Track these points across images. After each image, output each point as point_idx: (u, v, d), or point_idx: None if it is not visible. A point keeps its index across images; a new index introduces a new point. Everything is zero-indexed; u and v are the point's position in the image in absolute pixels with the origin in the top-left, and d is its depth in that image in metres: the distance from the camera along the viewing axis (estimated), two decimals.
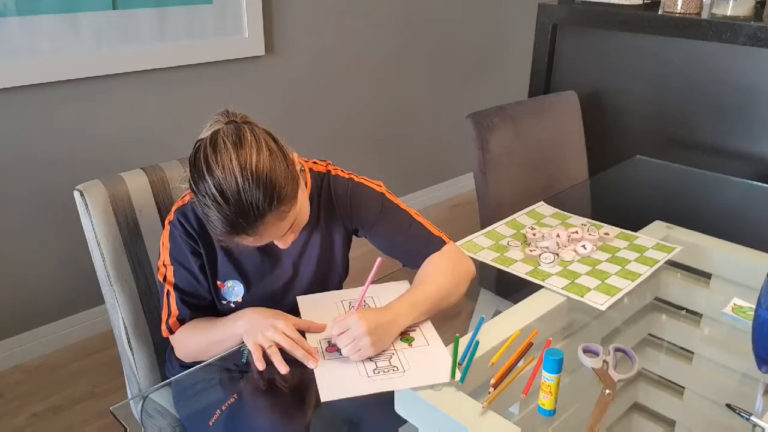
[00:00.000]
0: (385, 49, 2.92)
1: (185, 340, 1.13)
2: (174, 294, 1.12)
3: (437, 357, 0.97)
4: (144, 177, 1.26)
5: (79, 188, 1.19)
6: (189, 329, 1.13)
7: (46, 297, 2.15)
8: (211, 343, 1.09)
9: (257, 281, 1.15)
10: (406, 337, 1.02)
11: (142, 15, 2.09)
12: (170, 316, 1.12)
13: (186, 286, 1.12)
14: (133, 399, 1.07)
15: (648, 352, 1.18)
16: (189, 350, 1.13)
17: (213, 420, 1.02)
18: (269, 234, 1.00)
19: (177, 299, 1.12)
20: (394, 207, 1.19)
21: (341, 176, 1.19)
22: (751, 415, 0.89)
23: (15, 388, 2.02)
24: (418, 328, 1.05)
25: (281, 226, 1.00)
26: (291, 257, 1.17)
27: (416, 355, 0.98)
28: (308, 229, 1.16)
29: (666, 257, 1.26)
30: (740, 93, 1.97)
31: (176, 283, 1.11)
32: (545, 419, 0.89)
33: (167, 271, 1.12)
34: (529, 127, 1.89)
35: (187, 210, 1.11)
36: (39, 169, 2.03)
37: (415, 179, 3.32)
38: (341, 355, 0.98)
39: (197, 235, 1.10)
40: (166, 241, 1.12)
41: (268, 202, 0.95)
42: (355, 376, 0.94)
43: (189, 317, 1.13)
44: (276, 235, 1.02)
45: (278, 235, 1.02)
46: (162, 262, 1.13)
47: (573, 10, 2.26)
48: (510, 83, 3.50)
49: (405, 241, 1.18)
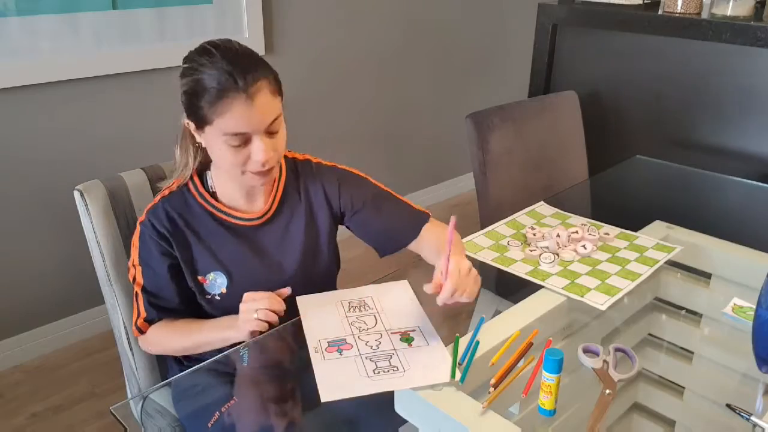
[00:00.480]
0: (385, 49, 2.92)
1: (158, 339, 1.14)
2: (142, 296, 1.12)
3: (437, 357, 0.97)
4: (144, 177, 1.26)
5: (79, 188, 1.19)
6: (164, 330, 1.14)
7: (46, 297, 2.15)
8: (200, 345, 1.11)
9: (239, 270, 1.14)
10: (406, 337, 1.02)
11: (142, 15, 2.09)
12: (139, 317, 1.13)
13: (153, 288, 1.12)
14: (133, 399, 1.07)
15: (648, 352, 1.18)
16: (163, 348, 1.16)
17: (212, 422, 1.02)
18: (260, 102, 1.00)
19: (144, 301, 1.12)
20: (380, 188, 1.24)
21: (324, 164, 1.23)
22: (751, 415, 0.89)
23: (15, 388, 2.02)
24: (417, 328, 1.05)
25: (272, 104, 1.02)
26: (273, 244, 1.16)
27: (416, 354, 0.98)
28: (288, 214, 1.17)
29: (666, 257, 1.26)
30: (740, 93, 1.97)
31: (144, 285, 1.12)
32: (545, 419, 0.89)
33: (136, 272, 1.12)
34: (529, 127, 1.89)
35: (158, 208, 1.12)
36: (39, 169, 2.03)
37: (415, 179, 3.32)
38: (341, 355, 0.98)
39: (169, 234, 1.10)
40: (135, 242, 1.12)
41: (262, 64, 1.02)
42: (355, 377, 0.94)
43: (157, 318, 1.13)
44: (265, 113, 1.01)
45: (266, 116, 1.01)
46: (132, 263, 1.13)
47: (573, 10, 2.26)
48: (510, 83, 3.50)
49: (398, 216, 1.22)
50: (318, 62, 2.65)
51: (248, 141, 1.03)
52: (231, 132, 1.01)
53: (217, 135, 1.02)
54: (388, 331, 1.04)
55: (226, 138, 1.02)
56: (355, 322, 1.07)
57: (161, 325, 1.13)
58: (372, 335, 1.03)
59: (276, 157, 1.06)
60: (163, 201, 1.13)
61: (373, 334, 1.04)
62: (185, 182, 1.15)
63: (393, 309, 1.10)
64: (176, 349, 1.15)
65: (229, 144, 1.02)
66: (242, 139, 1.02)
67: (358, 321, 1.07)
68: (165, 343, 1.15)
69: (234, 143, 1.02)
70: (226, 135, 1.01)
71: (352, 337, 1.03)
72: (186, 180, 1.15)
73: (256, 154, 1.03)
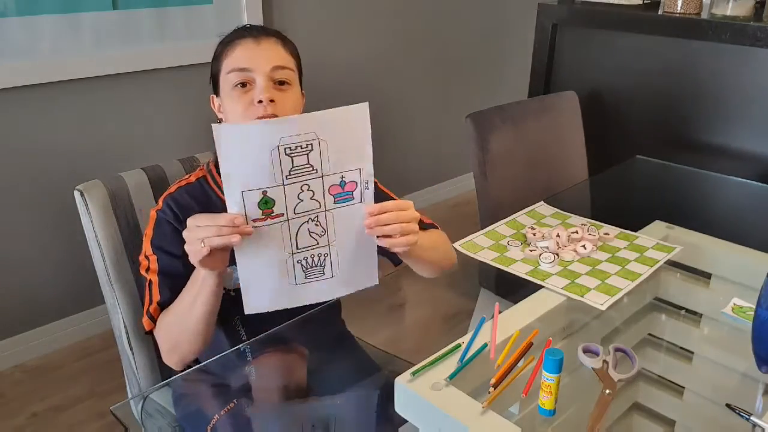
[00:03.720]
0: (386, 48, 2.92)
1: (165, 325, 1.03)
2: (157, 280, 1.04)
3: (365, 258, 0.96)
4: (144, 177, 1.26)
5: (79, 188, 1.19)
6: (165, 313, 1.04)
7: (46, 297, 2.15)
8: (191, 305, 0.98)
9: None
10: (339, 192, 0.93)
11: (142, 15, 2.09)
12: (151, 304, 1.04)
13: (170, 269, 1.04)
14: (133, 399, 1.07)
15: (648, 352, 1.18)
16: (171, 333, 1.02)
17: (211, 424, 1.02)
18: (267, 45, 1.03)
19: (159, 283, 1.04)
20: (391, 197, 1.20)
21: None
22: (751, 415, 0.89)
23: (15, 388, 2.02)
24: (359, 170, 0.94)
25: (280, 53, 1.05)
26: None
27: (346, 248, 0.95)
28: None
29: (666, 257, 1.26)
30: (740, 93, 1.97)
31: (161, 268, 1.05)
32: (545, 419, 0.89)
33: (150, 261, 1.06)
34: (529, 127, 1.89)
35: (178, 195, 1.09)
36: (39, 169, 2.03)
37: (415, 179, 3.32)
38: (270, 224, 0.90)
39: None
40: (149, 231, 1.07)
41: (278, 32, 1.08)
42: (283, 283, 0.93)
43: (170, 302, 1.03)
44: (270, 55, 1.03)
45: (272, 58, 1.03)
46: (144, 255, 1.07)
47: (573, 10, 2.26)
48: (510, 83, 3.50)
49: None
50: (318, 62, 2.65)
51: (252, 84, 1.03)
52: (235, 67, 1.02)
53: (226, 82, 1.03)
54: (324, 177, 0.91)
55: (231, 76, 1.02)
56: (293, 169, 0.90)
57: (165, 311, 1.04)
58: (305, 193, 0.92)
59: (281, 114, 1.02)
60: (183, 189, 1.10)
61: (306, 192, 0.92)
62: (204, 176, 1.13)
63: (337, 142, 0.91)
64: (180, 326, 1.01)
65: (234, 84, 1.02)
66: (245, 77, 1.02)
67: (295, 169, 0.90)
68: (171, 326, 1.02)
69: (237, 80, 1.02)
70: (231, 72, 1.02)
71: (281, 188, 0.90)
72: (205, 174, 1.13)
73: (257, 94, 1.02)
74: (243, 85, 1.03)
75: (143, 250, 1.08)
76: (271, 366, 1.12)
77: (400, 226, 0.94)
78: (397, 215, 0.94)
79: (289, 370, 1.14)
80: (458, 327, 1.10)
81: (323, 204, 0.93)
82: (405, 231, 0.94)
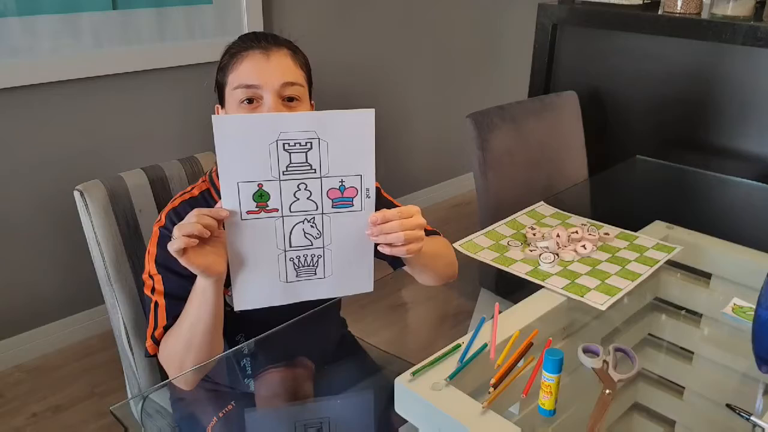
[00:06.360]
0: (385, 48, 2.92)
1: (169, 346, 0.99)
2: (163, 302, 1.01)
3: (361, 265, 0.95)
4: (144, 177, 1.26)
5: (79, 188, 1.19)
6: (167, 336, 1.00)
7: (46, 297, 2.15)
8: (188, 328, 0.95)
9: None
10: (338, 197, 0.93)
11: (142, 15, 2.09)
12: (156, 328, 1.00)
13: (177, 291, 1.00)
14: (133, 399, 1.07)
15: (648, 352, 1.18)
16: (177, 357, 0.98)
17: (210, 426, 1.02)
18: (276, 60, 1.00)
19: (166, 306, 1.01)
20: (393, 203, 1.19)
21: None
22: (751, 415, 0.89)
23: (15, 388, 2.02)
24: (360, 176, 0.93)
25: (290, 68, 1.02)
26: None
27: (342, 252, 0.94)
28: None
29: (666, 257, 1.26)
30: (740, 93, 1.97)
31: (167, 291, 1.01)
32: (545, 419, 0.89)
33: (154, 281, 1.02)
34: (529, 127, 1.89)
35: (181, 210, 1.05)
36: (39, 169, 2.03)
37: (415, 179, 3.32)
38: (262, 216, 0.90)
39: None
40: (152, 248, 1.03)
41: (290, 43, 1.05)
42: (274, 280, 0.92)
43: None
44: (280, 72, 0.99)
45: (281, 74, 0.99)
46: (147, 274, 1.03)
47: (573, 10, 2.26)
48: (510, 83, 3.50)
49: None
50: (318, 62, 2.64)
51: (260, 100, 1.00)
52: (242, 84, 0.99)
53: (232, 97, 1.00)
54: (323, 178, 0.91)
55: (238, 92, 0.99)
56: (290, 166, 0.90)
57: (167, 333, 1.01)
58: (302, 191, 0.92)
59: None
60: (186, 203, 1.06)
61: (303, 191, 0.91)
62: (208, 188, 1.09)
63: (339, 145, 0.91)
64: (184, 342, 0.97)
65: (240, 100, 0.99)
66: (253, 93, 0.99)
67: (292, 166, 0.90)
68: (175, 345, 0.98)
69: (244, 97, 0.99)
70: (238, 88, 0.99)
71: (277, 183, 0.89)
72: (209, 186, 1.09)
73: (264, 111, 0.99)
74: (250, 102, 1.00)
75: (147, 269, 1.04)
76: (276, 384, 1.10)
77: (404, 234, 0.92)
78: (400, 223, 0.92)
79: (295, 391, 1.11)
80: (458, 327, 1.10)
81: (320, 206, 0.92)
82: (409, 238, 0.93)
